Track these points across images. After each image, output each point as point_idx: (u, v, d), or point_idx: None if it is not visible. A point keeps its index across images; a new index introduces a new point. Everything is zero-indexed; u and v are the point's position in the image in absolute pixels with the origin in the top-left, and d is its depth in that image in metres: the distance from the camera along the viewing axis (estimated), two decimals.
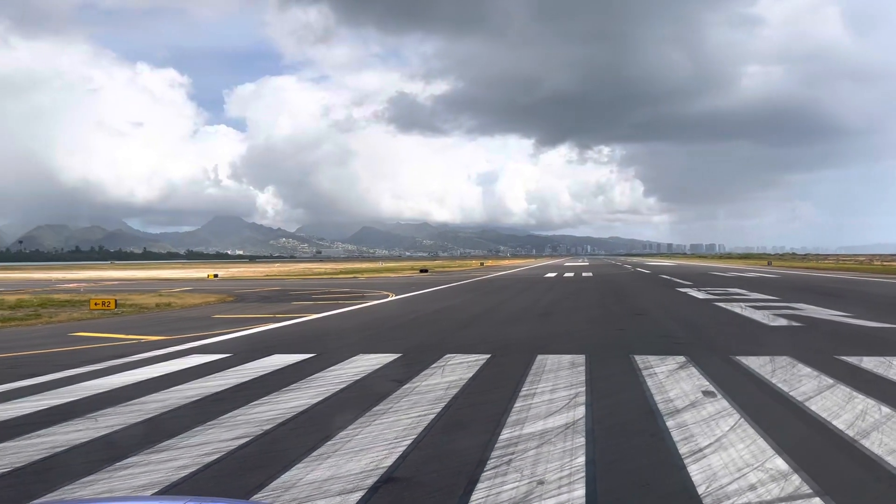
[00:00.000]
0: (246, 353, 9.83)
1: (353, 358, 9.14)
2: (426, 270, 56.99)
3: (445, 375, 7.75)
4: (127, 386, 7.35)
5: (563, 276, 41.72)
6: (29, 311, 18.64)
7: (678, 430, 5.24)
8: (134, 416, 5.98)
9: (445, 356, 9.16)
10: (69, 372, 8.34)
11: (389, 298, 22.29)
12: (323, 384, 7.36)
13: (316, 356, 9.36)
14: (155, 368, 8.51)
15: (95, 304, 19.24)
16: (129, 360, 9.32)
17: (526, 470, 4.31)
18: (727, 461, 4.43)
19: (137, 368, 8.55)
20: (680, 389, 6.76)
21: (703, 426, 5.33)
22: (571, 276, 41.82)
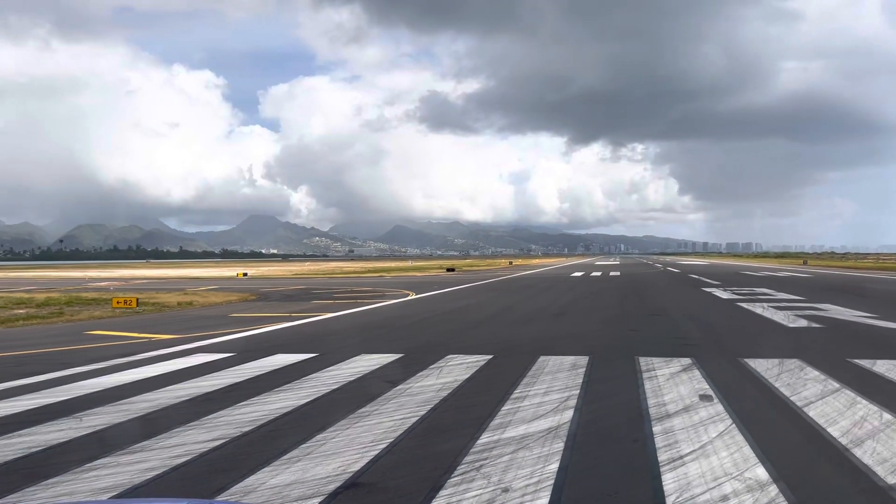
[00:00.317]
0: (250, 352, 9.84)
1: (354, 358, 9.09)
2: (452, 269, 56.90)
3: (441, 377, 7.65)
4: (121, 385, 7.37)
5: (589, 275, 41.29)
6: (54, 309, 18.97)
7: (664, 435, 5.07)
8: (120, 415, 5.99)
9: (447, 357, 9.06)
10: (71, 371, 8.41)
11: (408, 298, 22.24)
12: (316, 385, 7.31)
13: (318, 356, 9.32)
14: (154, 368, 8.54)
15: (117, 302, 19.52)
16: (132, 358, 9.38)
17: (494, 476, 4.19)
18: (706, 470, 4.25)
19: (137, 368, 8.59)
20: (677, 393, 6.57)
21: (690, 432, 5.15)
22: (598, 275, 41.38)
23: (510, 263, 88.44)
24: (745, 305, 16.91)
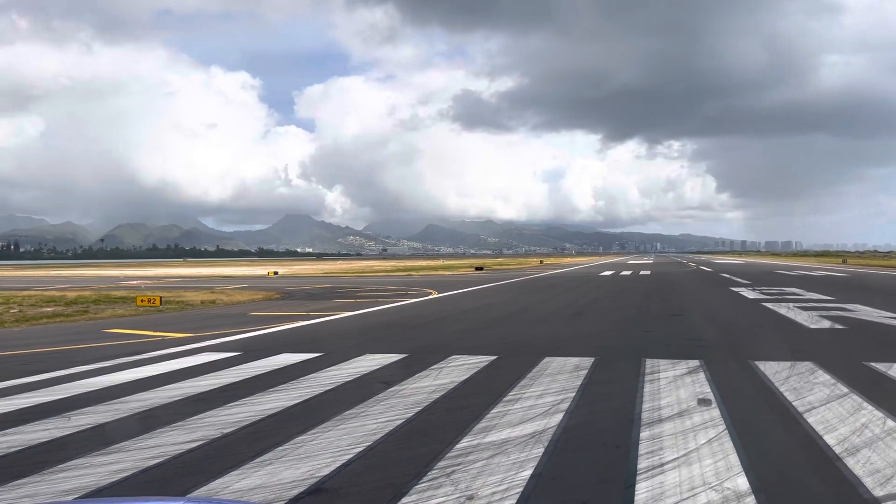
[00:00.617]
0: (257, 351, 9.84)
1: (357, 358, 9.03)
2: (481, 268, 56.71)
3: (438, 378, 7.54)
4: (118, 385, 7.39)
5: (619, 274, 40.78)
6: (80, 307, 19.31)
7: (650, 441, 4.90)
8: (108, 415, 6.00)
9: (450, 357, 8.95)
10: (73, 370, 8.48)
11: (430, 297, 22.17)
12: (311, 385, 7.25)
13: (322, 356, 9.28)
14: (157, 367, 8.58)
15: (142, 301, 19.78)
16: (137, 357, 9.44)
17: (462, 483, 4.07)
18: (684, 479, 4.08)
19: (140, 367, 8.64)
20: (675, 397, 6.38)
21: (678, 438, 4.97)
22: (628, 274, 40.86)
23: (541, 262, 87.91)
24: (769, 306, 16.49)
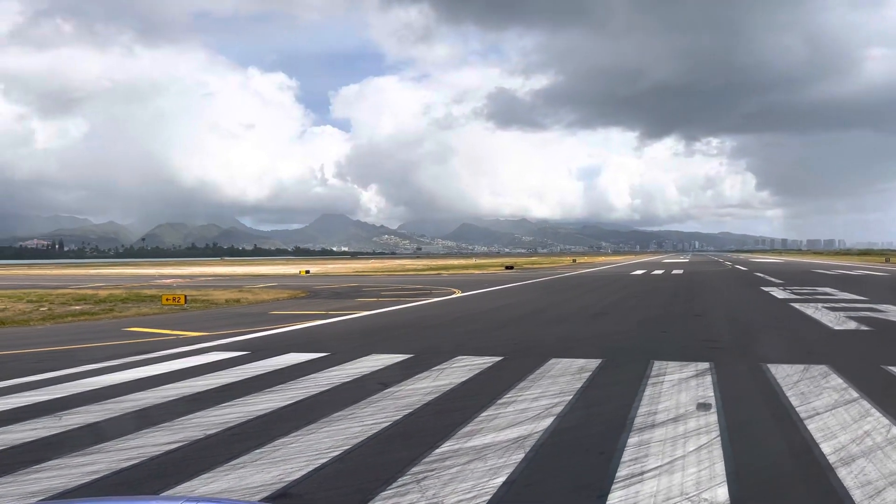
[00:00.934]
0: (265, 350, 9.85)
1: (362, 358, 8.97)
2: (511, 267, 56.42)
3: (438, 379, 7.44)
4: (117, 384, 7.42)
5: (650, 273, 40.20)
6: (108, 305, 19.62)
7: (636, 448, 4.73)
8: (99, 415, 6.01)
9: (456, 357, 8.84)
10: (78, 368, 8.54)
11: (452, 296, 22.07)
12: (308, 386, 7.21)
13: (328, 356, 9.24)
14: (160, 366, 8.61)
15: (167, 299, 20.02)
16: (144, 357, 9.49)
17: (431, 490, 3.96)
18: (661, 488, 3.92)
19: (144, 366, 8.67)
20: (675, 401, 6.18)
21: (667, 445, 4.79)
22: (660, 273, 40.27)
23: (574, 261, 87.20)
24: (797, 306, 16.03)
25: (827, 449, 4.63)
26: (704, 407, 5.92)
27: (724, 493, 3.83)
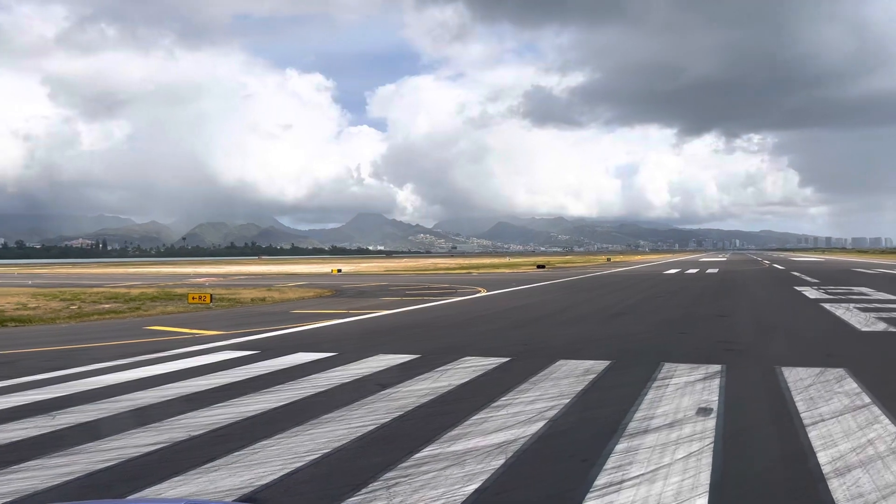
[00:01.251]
0: (275, 349, 9.85)
1: (368, 358, 8.90)
2: (543, 266, 56.00)
3: (438, 381, 7.32)
4: (116, 384, 7.45)
5: (683, 272, 39.51)
6: (137, 304, 19.90)
7: (623, 454, 4.56)
8: (92, 415, 6.03)
9: (462, 359, 8.71)
10: (81, 367, 8.61)
11: (476, 295, 21.93)
12: (306, 386, 7.15)
13: (335, 355, 9.19)
14: (165, 365, 8.64)
15: (193, 298, 20.25)
16: (152, 356, 9.55)
17: (398, 497, 3.85)
18: (638, 498, 3.75)
19: (150, 365, 8.71)
20: (675, 405, 5.97)
21: (656, 451, 4.60)
22: (694, 272, 39.57)
23: (608, 260, 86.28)
24: (827, 306, 15.53)
25: (823, 458, 4.40)
26: (704, 412, 5.71)
27: None
